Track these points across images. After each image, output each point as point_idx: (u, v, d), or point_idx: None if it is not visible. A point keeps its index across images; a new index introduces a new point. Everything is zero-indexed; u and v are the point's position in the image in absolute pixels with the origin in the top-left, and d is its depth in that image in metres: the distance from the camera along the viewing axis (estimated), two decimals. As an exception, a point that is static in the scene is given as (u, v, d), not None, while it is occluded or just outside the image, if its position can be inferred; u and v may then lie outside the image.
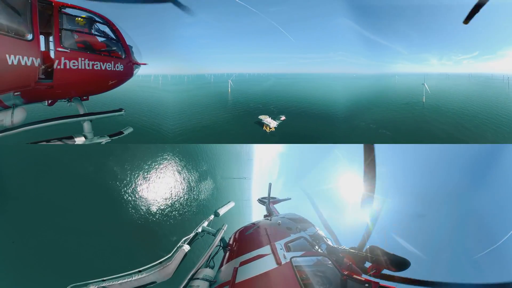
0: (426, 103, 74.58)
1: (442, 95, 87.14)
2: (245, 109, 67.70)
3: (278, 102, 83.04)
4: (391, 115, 61.42)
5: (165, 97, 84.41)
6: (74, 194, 30.15)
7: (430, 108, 68.71)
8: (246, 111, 65.36)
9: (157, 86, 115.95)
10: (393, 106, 72.33)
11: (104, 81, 10.45)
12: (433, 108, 68.96)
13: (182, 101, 78.44)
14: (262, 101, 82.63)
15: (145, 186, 38.90)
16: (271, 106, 72.29)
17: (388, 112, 64.63)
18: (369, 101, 77.45)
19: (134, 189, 37.15)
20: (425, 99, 76.43)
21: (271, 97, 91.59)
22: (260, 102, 79.15)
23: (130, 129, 12.08)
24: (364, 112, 61.82)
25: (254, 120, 54.80)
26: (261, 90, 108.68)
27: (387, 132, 47.75)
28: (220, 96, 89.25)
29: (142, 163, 40.78)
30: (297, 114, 65.15)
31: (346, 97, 79.84)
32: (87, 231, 28.96)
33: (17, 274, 23.94)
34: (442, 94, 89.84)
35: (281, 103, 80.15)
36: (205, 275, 7.70)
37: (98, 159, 35.42)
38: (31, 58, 7.50)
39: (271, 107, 69.73)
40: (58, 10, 8.85)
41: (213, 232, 10.44)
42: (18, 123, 8.57)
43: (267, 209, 20.20)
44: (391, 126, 50.93)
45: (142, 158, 41.50)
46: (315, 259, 7.73)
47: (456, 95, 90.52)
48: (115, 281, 7.36)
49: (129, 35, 11.00)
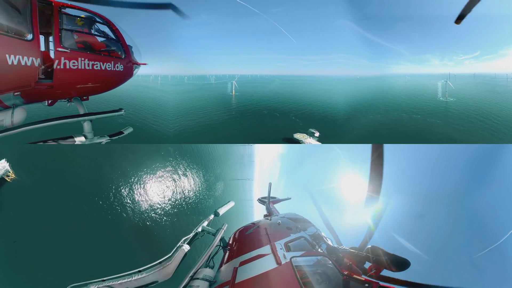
0: (449, 100, 78.92)
1: (462, 94, 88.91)
2: (258, 118, 62.82)
3: (291, 104, 79.79)
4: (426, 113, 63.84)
5: (164, 97, 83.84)
6: (74, 194, 30.15)
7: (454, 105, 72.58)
8: (264, 125, 60.01)
9: (156, 86, 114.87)
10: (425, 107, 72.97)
11: (104, 81, 10.42)
12: (458, 105, 72.77)
13: (182, 102, 77.56)
14: (273, 105, 78.88)
15: (145, 186, 38.89)
16: (291, 115, 66.87)
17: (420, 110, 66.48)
18: (407, 104, 78.22)
19: (134, 189, 37.14)
20: (448, 96, 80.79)
21: (281, 101, 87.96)
22: (271, 108, 74.78)
23: (130, 129, 12.06)
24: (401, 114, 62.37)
25: (281, 136, 52.21)
26: (267, 92, 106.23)
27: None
28: (223, 99, 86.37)
29: (142, 163, 40.78)
30: (322, 118, 63.44)
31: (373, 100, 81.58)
32: (87, 231, 28.95)
33: (18, 274, 23.94)
34: (461, 93, 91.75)
35: (296, 106, 77.55)
36: (205, 275, 7.69)
37: (98, 159, 35.43)
38: (31, 58, 7.49)
39: (291, 116, 65.12)
40: (58, 10, 8.83)
41: (213, 232, 10.44)
42: (18, 123, 8.55)
43: (267, 209, 20.18)
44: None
45: (143, 158, 41.51)
46: (315, 259, 7.71)
47: (476, 94, 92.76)
48: (115, 281, 7.37)
49: (129, 35, 10.99)
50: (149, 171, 40.91)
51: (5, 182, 27.21)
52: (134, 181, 37.80)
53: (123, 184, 36.26)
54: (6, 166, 27.27)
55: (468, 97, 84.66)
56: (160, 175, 42.65)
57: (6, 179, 27.19)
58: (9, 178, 27.38)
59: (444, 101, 77.38)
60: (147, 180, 39.75)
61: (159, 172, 42.63)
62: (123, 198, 35.09)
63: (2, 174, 26.83)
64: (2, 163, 26.86)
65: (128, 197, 35.79)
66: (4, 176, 27.01)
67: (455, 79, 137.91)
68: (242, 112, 68.55)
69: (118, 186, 35.47)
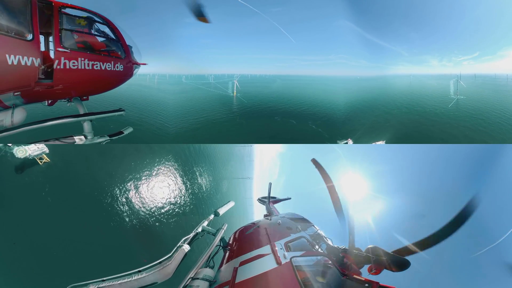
0: (460, 98, 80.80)
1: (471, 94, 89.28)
2: (270, 126, 57.91)
3: (304, 107, 76.02)
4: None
5: (165, 97, 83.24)
6: (74, 194, 30.15)
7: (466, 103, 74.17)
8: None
9: (152, 85, 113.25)
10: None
11: (104, 81, 10.42)
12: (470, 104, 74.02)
13: (182, 103, 76.45)
14: (283, 108, 74.67)
15: (145, 186, 38.89)
16: (309, 122, 60.40)
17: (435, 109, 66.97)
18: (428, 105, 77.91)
19: (134, 189, 37.14)
20: (459, 96, 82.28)
21: (292, 103, 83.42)
22: (282, 112, 70.22)
23: (130, 129, 12.05)
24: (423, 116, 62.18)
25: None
26: (271, 93, 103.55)
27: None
28: (223, 100, 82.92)
29: (143, 163, 40.78)
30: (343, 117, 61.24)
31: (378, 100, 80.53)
32: (87, 231, 28.96)
33: (18, 274, 23.94)
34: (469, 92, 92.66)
35: (310, 108, 73.89)
36: (205, 275, 7.69)
37: (98, 159, 35.42)
38: (31, 58, 7.48)
39: (310, 124, 58.99)
40: (58, 10, 8.82)
41: (213, 231, 10.44)
42: (18, 123, 8.54)
43: (267, 209, 20.20)
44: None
45: (143, 158, 41.51)
46: (315, 259, 7.71)
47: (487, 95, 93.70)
48: (115, 281, 7.36)
49: (129, 35, 10.98)
50: (149, 171, 40.91)
51: (35, 164, 27.22)
52: (134, 181, 37.80)
53: (123, 184, 36.26)
54: (45, 149, 27.45)
55: (476, 96, 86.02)
56: (160, 175, 42.66)
57: (38, 161, 27.23)
58: (42, 161, 27.41)
59: (455, 98, 79.42)
60: (147, 180, 39.76)
61: (159, 172, 42.64)
62: (123, 198, 35.10)
63: (37, 155, 26.95)
64: (40, 145, 26.97)
65: (128, 197, 35.80)
66: (36, 158, 27.08)
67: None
68: (247, 115, 63.90)
69: (118, 186, 35.47)
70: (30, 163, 27.82)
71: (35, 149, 27.08)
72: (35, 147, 26.90)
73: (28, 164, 27.88)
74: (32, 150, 26.90)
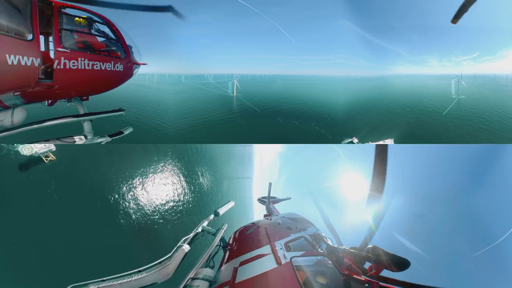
0: (461, 98, 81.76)
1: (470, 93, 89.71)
2: (273, 128, 56.45)
3: (306, 108, 75.21)
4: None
5: (165, 97, 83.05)
6: (74, 194, 30.16)
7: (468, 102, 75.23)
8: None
9: (151, 85, 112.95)
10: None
11: (104, 81, 10.41)
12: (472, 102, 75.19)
13: (182, 103, 76.13)
14: (284, 108, 73.70)
15: (145, 186, 38.91)
16: (311, 122, 59.35)
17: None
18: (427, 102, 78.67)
19: (134, 189, 37.16)
20: (460, 95, 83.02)
21: (292, 103, 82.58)
22: (284, 112, 69.31)
23: (130, 129, 12.05)
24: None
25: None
26: (272, 93, 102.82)
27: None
28: (223, 100, 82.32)
29: (143, 163, 40.79)
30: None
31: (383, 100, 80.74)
32: (87, 231, 28.97)
33: (18, 274, 23.95)
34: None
35: (311, 109, 73.32)
36: (205, 275, 7.68)
37: (98, 160, 35.43)
38: (31, 58, 7.48)
39: (313, 125, 57.68)
40: (58, 10, 8.83)
41: (213, 231, 10.43)
42: (18, 123, 8.54)
43: (267, 209, 20.18)
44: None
45: (143, 158, 41.51)
46: (315, 259, 7.71)
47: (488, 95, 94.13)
48: (115, 281, 7.35)
49: (129, 35, 10.98)
50: (149, 171, 40.92)
51: (41, 162, 27.12)
52: (134, 181, 37.81)
53: (123, 184, 36.27)
54: (51, 147, 27.42)
55: (477, 96, 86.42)
56: (160, 175, 42.67)
57: (44, 159, 27.21)
58: (47, 159, 27.42)
59: (456, 98, 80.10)
60: (147, 180, 39.77)
61: (159, 172, 42.65)
62: (123, 198, 35.10)
63: (43, 152, 26.93)
64: (47, 144, 27.28)
65: (128, 197, 35.80)
66: (42, 156, 27.06)
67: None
68: (248, 116, 63.26)
69: (118, 186, 35.48)
70: (35, 161, 27.80)
71: (41, 147, 27.12)
72: (41, 145, 26.94)
73: (33, 162, 27.85)
74: (38, 148, 26.92)
